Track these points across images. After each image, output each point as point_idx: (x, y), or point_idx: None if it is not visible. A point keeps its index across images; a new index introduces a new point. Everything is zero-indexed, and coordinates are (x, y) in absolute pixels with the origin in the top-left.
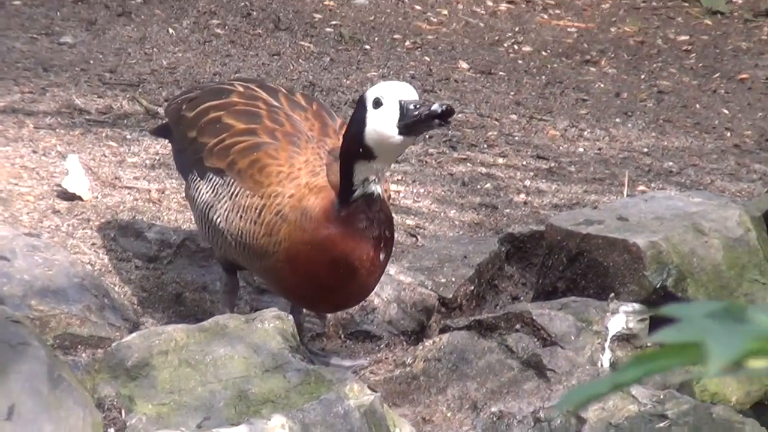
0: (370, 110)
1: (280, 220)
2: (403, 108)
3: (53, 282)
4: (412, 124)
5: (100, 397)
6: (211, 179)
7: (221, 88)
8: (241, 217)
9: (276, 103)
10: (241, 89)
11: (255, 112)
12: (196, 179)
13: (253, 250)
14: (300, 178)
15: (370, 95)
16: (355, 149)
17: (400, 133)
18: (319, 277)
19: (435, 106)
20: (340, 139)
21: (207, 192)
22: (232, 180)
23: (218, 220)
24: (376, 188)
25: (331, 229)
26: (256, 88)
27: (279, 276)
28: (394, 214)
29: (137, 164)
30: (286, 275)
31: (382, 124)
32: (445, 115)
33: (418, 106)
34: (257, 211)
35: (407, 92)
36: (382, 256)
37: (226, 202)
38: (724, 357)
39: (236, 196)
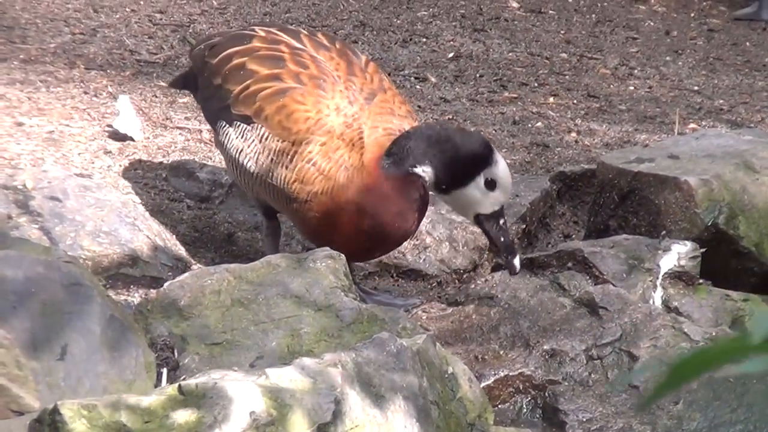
0: (480, 185)
1: (314, 168)
2: (498, 227)
3: (105, 222)
4: (485, 230)
5: (152, 336)
6: (239, 126)
7: (242, 34)
8: (272, 160)
9: (299, 45)
10: (262, 34)
11: (278, 56)
12: (224, 126)
13: (283, 194)
14: (328, 125)
15: (497, 175)
16: (445, 180)
17: (473, 219)
18: (353, 235)
19: (515, 263)
20: (367, 78)
21: (236, 138)
22: (261, 126)
23: (249, 163)
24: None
25: (384, 192)
26: (278, 32)
27: (307, 222)
28: None
29: (188, 105)
30: (315, 224)
31: (474, 203)
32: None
33: (506, 233)
34: (288, 156)
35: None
36: (414, 228)
37: (255, 145)
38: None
39: (266, 140)
